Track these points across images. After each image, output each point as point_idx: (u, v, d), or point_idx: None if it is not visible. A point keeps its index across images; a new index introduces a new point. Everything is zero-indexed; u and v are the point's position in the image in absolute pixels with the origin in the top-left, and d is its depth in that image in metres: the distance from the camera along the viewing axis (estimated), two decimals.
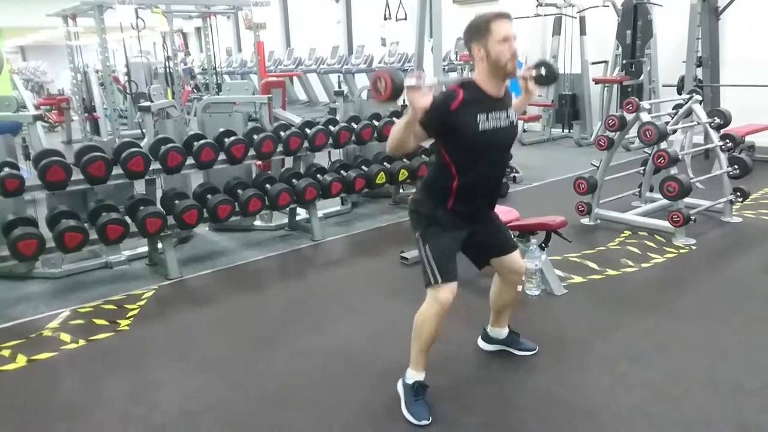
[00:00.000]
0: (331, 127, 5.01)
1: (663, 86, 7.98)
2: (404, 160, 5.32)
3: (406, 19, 6.30)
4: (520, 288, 3.47)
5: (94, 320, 3.51)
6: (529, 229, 3.66)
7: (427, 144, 3.39)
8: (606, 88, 8.65)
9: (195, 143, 4.28)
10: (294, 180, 4.72)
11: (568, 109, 9.16)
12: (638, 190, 5.33)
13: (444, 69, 9.44)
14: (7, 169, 3.68)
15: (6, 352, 3.14)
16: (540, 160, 7.65)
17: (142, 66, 11.04)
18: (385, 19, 6.38)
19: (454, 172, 2.36)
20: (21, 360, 3.07)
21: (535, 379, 2.74)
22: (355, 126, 5.12)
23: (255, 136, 4.55)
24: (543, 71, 2.59)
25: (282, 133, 4.71)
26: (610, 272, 3.93)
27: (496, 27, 2.25)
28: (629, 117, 4.59)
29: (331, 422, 2.48)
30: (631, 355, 2.92)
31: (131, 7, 7.96)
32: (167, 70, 7.82)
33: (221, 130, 4.54)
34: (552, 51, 8.97)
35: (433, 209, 2.43)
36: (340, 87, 9.28)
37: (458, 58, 9.38)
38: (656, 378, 2.71)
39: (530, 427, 2.42)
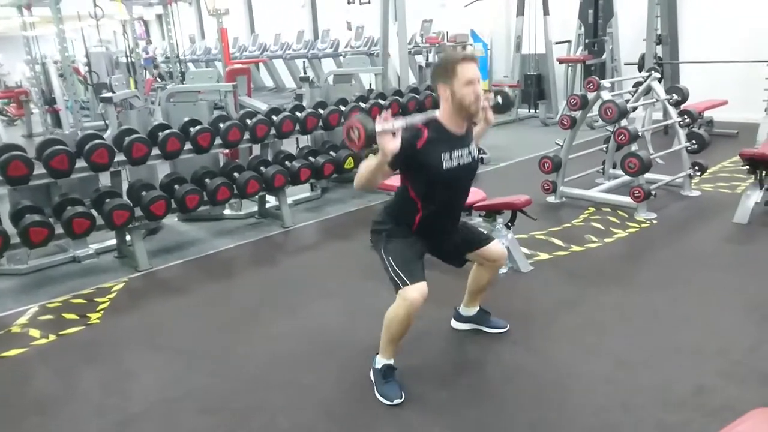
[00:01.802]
0: (298, 114, 5.00)
1: (625, 64, 8.12)
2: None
3: (369, 2, 6.28)
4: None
5: (63, 315, 3.48)
6: (494, 208, 3.73)
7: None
8: (570, 68, 8.77)
9: (160, 133, 4.23)
10: (262, 167, 4.71)
11: (534, 89, 9.27)
12: (602, 167, 5.45)
13: (410, 52, 9.45)
14: None
15: None
16: (507, 141, 7.73)
17: (103, 56, 10.79)
18: (349, 3, 6.35)
19: (419, 206, 2.50)
20: None
21: (506, 353, 2.83)
22: (322, 111, 5.12)
23: (221, 125, 4.52)
24: (500, 100, 2.74)
25: (248, 121, 4.69)
26: (575, 248, 4.03)
27: (462, 70, 2.35)
28: (591, 96, 4.68)
29: (307, 402, 2.53)
30: (596, 327, 3.02)
31: None
32: (128, 59, 7.66)
33: (186, 119, 4.49)
34: (516, 31, 9.03)
35: (396, 230, 2.55)
36: (305, 73, 9.19)
37: (424, 41, 9.37)
38: (620, 347, 2.82)
39: (501, 399, 2.50)
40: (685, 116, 4.97)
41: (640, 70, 7.41)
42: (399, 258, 2.46)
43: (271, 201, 5.14)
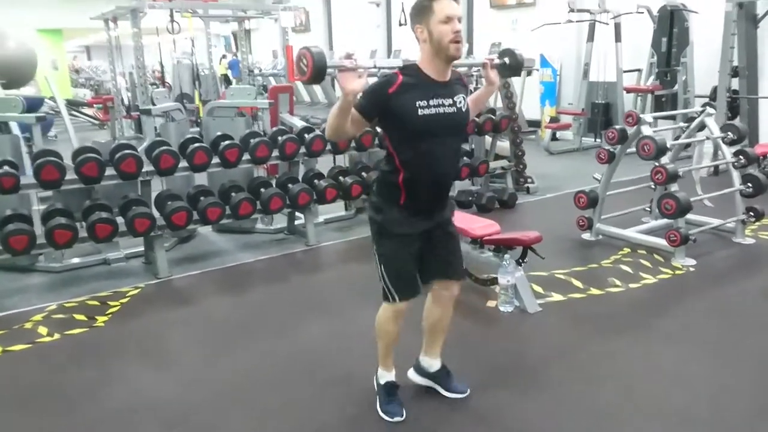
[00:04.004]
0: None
1: (696, 96, 7.63)
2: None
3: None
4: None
5: (74, 315, 3.65)
6: (502, 243, 3.58)
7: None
8: (639, 98, 8.35)
9: (191, 146, 4.38)
10: (290, 185, 4.77)
11: (600, 118, 8.89)
12: (649, 205, 5.12)
13: (473, 76, 9.35)
14: (6, 168, 3.87)
15: None
16: (562, 170, 7.44)
17: (186, 67, 11.38)
18: (400, 25, 6.34)
19: (399, 164, 2.28)
20: None
21: (479, 399, 2.67)
22: None
23: (252, 141, 4.62)
24: (507, 60, 2.55)
25: (279, 138, 4.77)
26: (594, 291, 3.79)
27: (438, 6, 2.14)
28: (631, 130, 4.42)
29: (266, 426, 2.52)
30: (586, 378, 2.81)
31: (164, 11, 8.26)
32: (195, 72, 8.05)
33: (218, 133, 4.63)
34: (585, 57, 8.72)
35: (386, 210, 2.34)
36: None
37: None
38: (604, 403, 2.61)
39: None
40: (741, 157, 4.59)
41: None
42: (390, 267, 2.35)
43: (302, 218, 5.19)
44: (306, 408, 2.63)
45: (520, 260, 3.61)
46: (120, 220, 4.13)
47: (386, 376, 2.58)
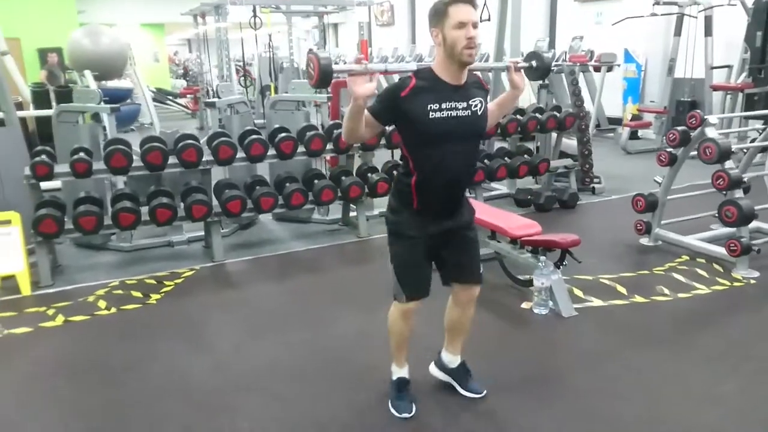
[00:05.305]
0: (387, 128, 5.09)
1: None
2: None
3: (489, 20, 6.17)
4: (526, 309, 3.37)
5: (132, 292, 3.94)
6: (538, 244, 3.52)
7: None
8: (729, 96, 7.82)
9: (247, 138, 4.59)
10: (343, 177, 4.89)
11: (685, 117, 8.38)
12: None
13: (552, 70, 9.08)
14: (81, 154, 4.23)
15: (51, 312, 3.66)
16: (635, 171, 7.12)
17: (269, 61, 11.81)
18: (480, 21, 6.25)
19: (412, 167, 2.30)
20: (59, 320, 3.56)
21: (494, 400, 2.65)
22: None
23: (307, 134, 4.77)
24: (534, 63, 2.54)
25: (334, 132, 4.89)
26: (638, 299, 3.64)
27: (453, 11, 2.13)
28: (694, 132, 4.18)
29: (275, 414, 2.62)
30: (612, 391, 2.73)
31: (247, 7, 8.62)
32: (271, 65, 8.35)
33: (276, 126, 4.82)
34: (672, 53, 8.27)
35: (400, 213, 2.39)
36: None
37: (568, 59, 8.94)
38: (627, 419, 2.52)
39: None
40: None
41: None
42: (400, 264, 2.40)
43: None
44: (321, 399, 2.71)
45: (559, 263, 3.53)
46: (181, 205, 4.42)
47: (398, 372, 2.62)
